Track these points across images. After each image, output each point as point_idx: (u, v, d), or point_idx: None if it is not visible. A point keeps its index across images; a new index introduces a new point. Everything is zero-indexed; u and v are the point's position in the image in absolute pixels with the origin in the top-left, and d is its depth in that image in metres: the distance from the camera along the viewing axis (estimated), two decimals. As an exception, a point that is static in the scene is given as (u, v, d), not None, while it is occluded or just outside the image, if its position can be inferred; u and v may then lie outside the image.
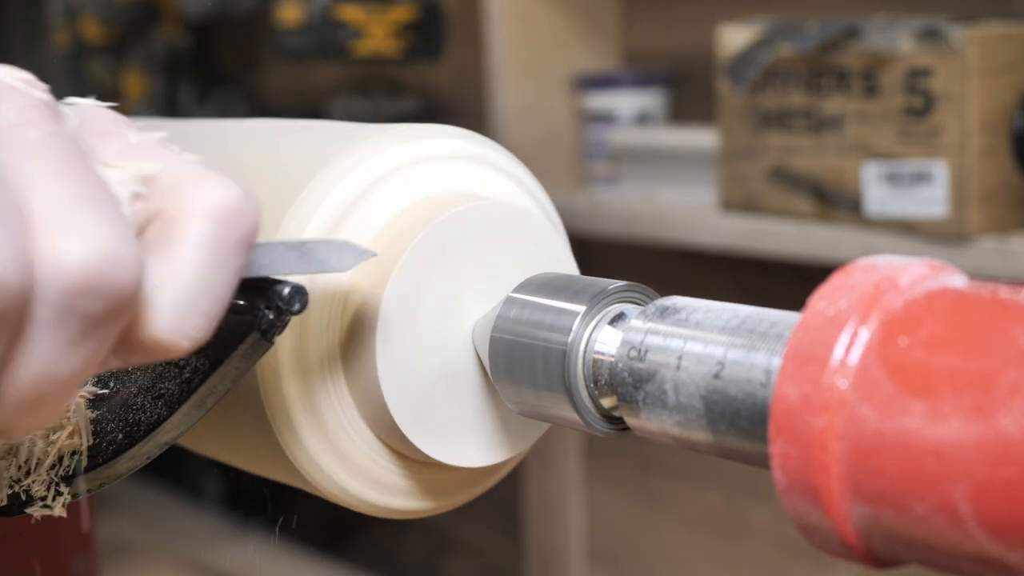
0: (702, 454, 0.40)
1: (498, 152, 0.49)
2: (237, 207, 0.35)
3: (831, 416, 0.33)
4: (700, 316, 0.40)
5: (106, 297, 0.31)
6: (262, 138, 0.54)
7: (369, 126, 0.49)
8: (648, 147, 1.55)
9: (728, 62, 1.32)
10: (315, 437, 0.45)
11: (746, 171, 1.34)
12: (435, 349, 0.45)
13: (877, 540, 0.33)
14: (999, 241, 1.15)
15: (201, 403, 0.41)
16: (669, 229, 1.45)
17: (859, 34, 1.22)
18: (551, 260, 0.48)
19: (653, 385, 0.40)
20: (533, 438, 0.49)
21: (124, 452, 0.42)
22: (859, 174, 1.22)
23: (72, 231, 0.31)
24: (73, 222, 0.31)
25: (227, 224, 0.34)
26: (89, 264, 0.31)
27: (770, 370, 0.37)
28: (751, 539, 1.61)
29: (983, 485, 0.30)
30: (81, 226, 0.31)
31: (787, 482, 0.34)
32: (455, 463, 0.46)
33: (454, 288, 0.46)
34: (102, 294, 0.31)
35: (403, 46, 1.84)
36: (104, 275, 0.31)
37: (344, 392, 0.45)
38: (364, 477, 0.46)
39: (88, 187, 0.32)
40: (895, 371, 0.32)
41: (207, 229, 0.34)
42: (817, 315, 0.34)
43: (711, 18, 1.42)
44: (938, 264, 0.35)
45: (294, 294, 0.39)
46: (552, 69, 1.66)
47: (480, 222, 0.46)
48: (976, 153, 1.14)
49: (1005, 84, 1.15)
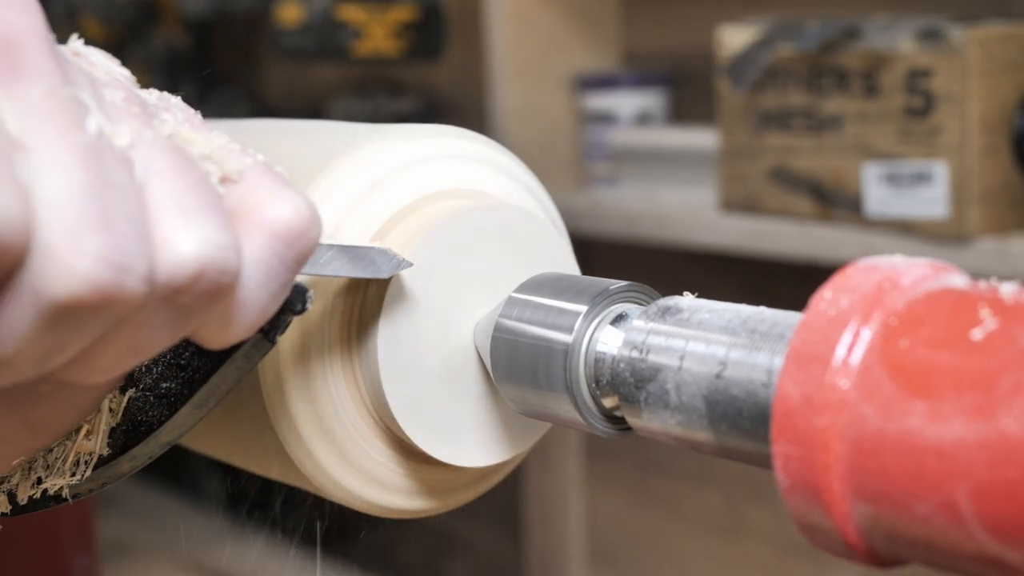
0: (703, 454, 0.40)
1: (499, 152, 0.49)
2: (300, 227, 0.36)
3: (833, 416, 0.33)
4: (702, 316, 0.40)
5: (211, 286, 0.33)
6: (262, 138, 0.54)
7: (369, 126, 0.48)
8: (648, 147, 1.55)
9: (728, 62, 1.32)
10: (316, 437, 0.45)
11: (746, 171, 1.34)
12: (437, 349, 0.45)
13: (879, 540, 0.33)
14: (999, 241, 1.15)
15: (203, 403, 0.41)
16: (669, 229, 1.45)
17: (859, 34, 1.22)
18: (552, 260, 0.48)
19: (655, 385, 0.40)
20: (534, 438, 0.49)
21: (126, 452, 0.42)
22: (859, 174, 1.22)
23: (188, 225, 0.33)
24: (189, 218, 0.33)
25: (287, 243, 0.35)
26: (204, 254, 0.33)
27: (772, 370, 0.37)
28: (751, 539, 1.61)
29: (985, 485, 0.30)
30: (196, 221, 0.33)
31: (789, 482, 0.34)
32: (456, 463, 0.46)
33: (456, 288, 0.46)
34: (209, 282, 0.33)
35: (403, 46, 1.84)
36: (214, 265, 0.33)
37: (345, 392, 0.45)
38: (365, 477, 0.46)
39: (198, 183, 0.34)
40: (897, 371, 0.32)
41: (267, 245, 0.35)
42: (819, 315, 0.35)
43: (711, 18, 1.42)
44: (940, 264, 0.35)
45: (296, 294, 0.39)
46: (552, 69, 1.66)
47: (481, 222, 0.46)
48: (976, 153, 1.14)
49: (1005, 84, 1.15)
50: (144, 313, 0.33)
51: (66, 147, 0.31)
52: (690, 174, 1.48)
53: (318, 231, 0.36)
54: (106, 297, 0.31)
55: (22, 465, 0.40)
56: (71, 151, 0.31)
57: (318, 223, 0.36)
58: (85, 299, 0.31)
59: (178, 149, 0.35)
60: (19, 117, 0.31)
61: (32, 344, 0.31)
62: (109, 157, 0.32)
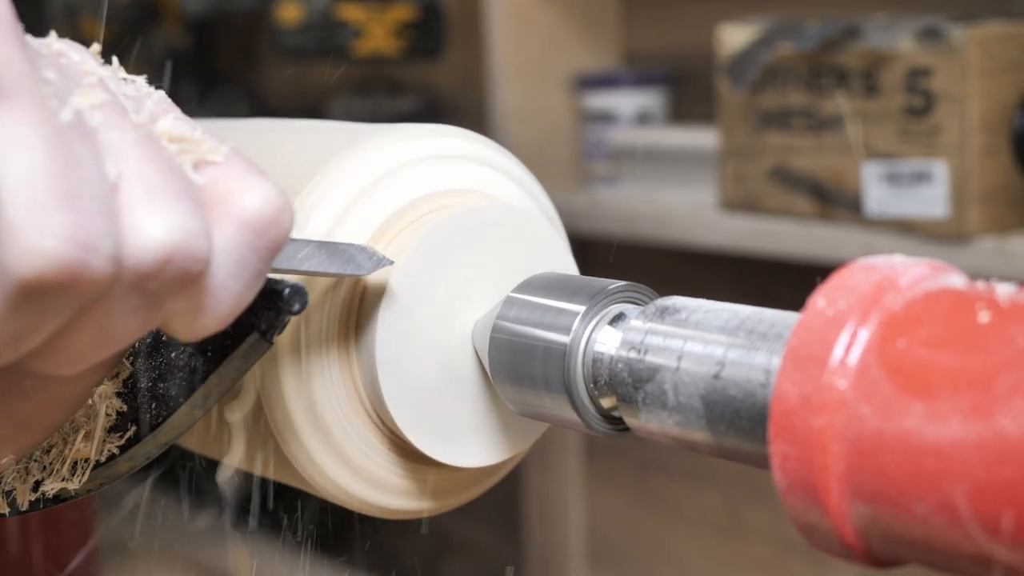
0: (701, 454, 0.40)
1: (498, 152, 0.49)
2: (272, 216, 0.36)
3: (831, 416, 0.33)
4: (700, 316, 0.40)
5: (180, 272, 0.33)
6: (262, 137, 0.54)
7: (369, 126, 0.48)
8: (648, 147, 1.55)
9: (728, 62, 1.32)
10: (315, 437, 0.45)
11: (746, 171, 1.34)
12: (435, 349, 0.45)
13: (876, 540, 0.33)
14: (999, 241, 1.15)
15: (201, 403, 0.41)
16: (669, 229, 1.45)
17: (859, 34, 1.22)
18: (551, 260, 0.48)
19: (653, 385, 0.40)
20: (533, 438, 0.49)
21: (124, 452, 0.42)
22: (859, 174, 1.22)
23: (157, 211, 0.33)
24: (158, 203, 0.33)
25: (258, 232, 0.35)
26: (172, 240, 0.33)
27: (770, 370, 0.37)
28: (750, 539, 1.61)
29: (982, 485, 0.30)
30: (165, 206, 0.33)
31: (787, 482, 0.34)
32: (455, 463, 0.46)
33: (454, 288, 0.46)
34: (178, 268, 0.33)
35: (403, 46, 1.84)
36: (183, 251, 0.33)
37: (344, 392, 0.45)
38: (364, 477, 0.46)
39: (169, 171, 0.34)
40: (895, 371, 0.32)
41: (237, 234, 0.35)
42: (817, 315, 0.35)
43: (711, 18, 1.42)
44: (938, 264, 0.35)
45: (293, 294, 0.39)
46: (552, 69, 1.66)
47: (480, 222, 0.46)
48: (976, 153, 1.14)
49: (1005, 84, 1.15)
50: (113, 298, 0.33)
51: (30, 126, 0.31)
52: (690, 174, 1.48)
53: (290, 220, 0.36)
54: (71, 276, 0.31)
55: (12, 463, 0.40)
56: (35, 130, 0.31)
57: (289, 212, 0.36)
58: (50, 278, 0.31)
59: (149, 136, 0.35)
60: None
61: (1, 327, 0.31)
62: (76, 139, 0.32)
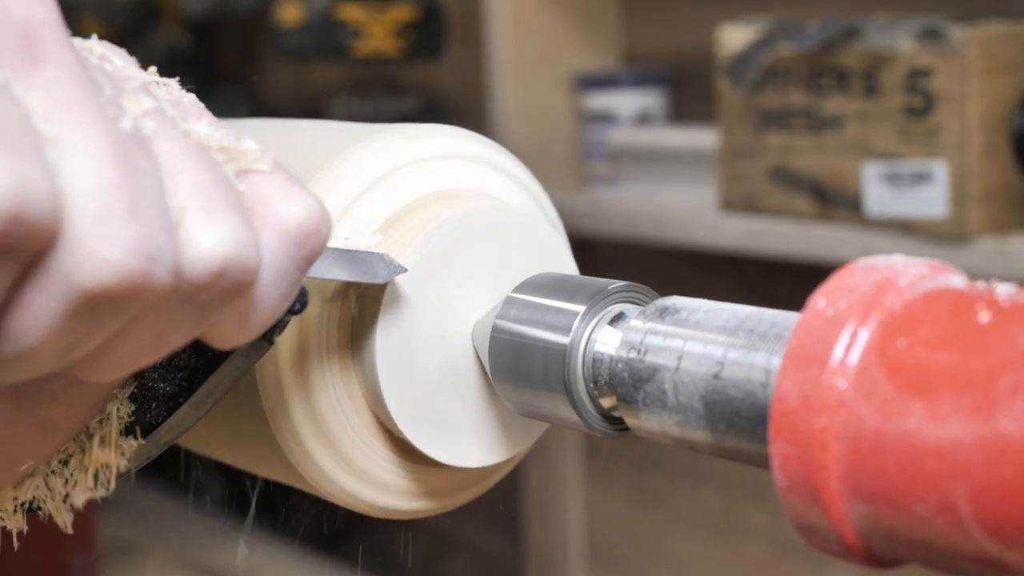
0: (701, 454, 0.40)
1: (498, 152, 0.49)
2: (313, 227, 0.36)
3: (831, 416, 0.33)
4: (700, 316, 0.40)
5: (232, 283, 0.33)
6: (262, 138, 0.53)
7: (369, 126, 0.48)
8: (648, 147, 1.55)
9: (728, 62, 1.32)
10: (315, 437, 0.45)
11: (746, 171, 1.34)
12: (435, 349, 0.45)
13: (876, 540, 0.33)
14: (999, 241, 1.15)
15: (201, 403, 0.41)
16: (669, 229, 1.45)
17: (859, 34, 1.22)
18: (551, 260, 0.48)
19: (653, 385, 0.40)
20: (533, 438, 0.49)
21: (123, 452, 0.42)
22: (859, 174, 1.22)
23: (212, 221, 0.33)
24: (212, 214, 0.33)
25: (299, 243, 0.35)
26: (227, 251, 0.33)
27: (770, 370, 0.37)
28: (749, 539, 1.61)
29: (983, 485, 0.30)
30: (219, 217, 0.33)
31: (787, 482, 0.34)
32: (455, 463, 0.46)
33: (454, 288, 0.46)
34: (231, 280, 0.33)
35: (403, 46, 1.84)
36: (237, 262, 0.33)
37: (344, 392, 0.45)
38: (364, 478, 0.46)
39: (220, 181, 0.34)
40: (895, 371, 0.32)
41: (279, 244, 0.35)
42: (817, 315, 0.34)
43: (711, 18, 1.42)
44: (938, 264, 0.35)
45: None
46: (552, 69, 1.66)
47: (480, 222, 0.46)
48: (976, 153, 1.14)
49: (1005, 84, 1.15)
50: (166, 309, 0.33)
51: (95, 136, 0.31)
52: (690, 174, 1.48)
53: (327, 231, 0.36)
54: (135, 288, 0.31)
55: (30, 471, 0.40)
56: (100, 140, 0.31)
57: (328, 223, 0.36)
58: (115, 289, 0.31)
59: (199, 145, 0.35)
60: (44, 106, 0.31)
61: (56, 336, 0.31)
62: (134, 148, 0.32)
